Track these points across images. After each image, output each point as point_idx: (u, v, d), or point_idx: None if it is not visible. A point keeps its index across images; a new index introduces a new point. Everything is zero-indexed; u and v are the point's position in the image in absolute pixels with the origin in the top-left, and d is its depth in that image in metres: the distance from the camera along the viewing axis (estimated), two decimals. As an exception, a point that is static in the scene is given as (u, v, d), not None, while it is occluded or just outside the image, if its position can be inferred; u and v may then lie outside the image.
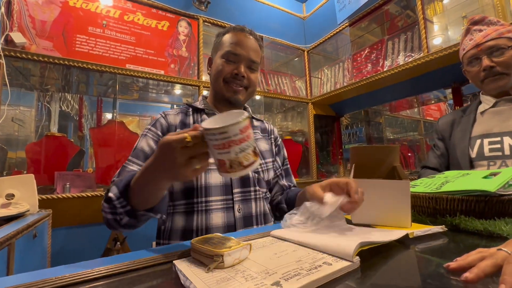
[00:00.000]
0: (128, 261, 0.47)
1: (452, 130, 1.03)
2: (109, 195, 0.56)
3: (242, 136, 0.42)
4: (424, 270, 0.44)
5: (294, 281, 0.34)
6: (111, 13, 1.55)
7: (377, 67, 1.84)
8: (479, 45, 0.92)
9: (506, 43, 0.88)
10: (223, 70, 0.79)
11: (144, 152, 0.73)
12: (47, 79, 1.62)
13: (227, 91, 0.80)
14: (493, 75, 0.90)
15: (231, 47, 0.79)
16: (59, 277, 0.40)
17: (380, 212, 0.62)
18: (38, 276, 0.41)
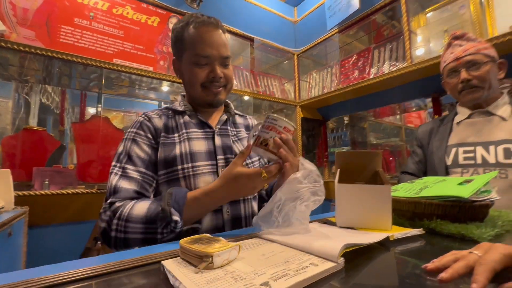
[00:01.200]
0: (114, 261, 0.46)
1: (430, 138, 1.09)
2: (174, 218, 0.58)
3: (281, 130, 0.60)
4: (403, 271, 0.47)
5: (282, 282, 0.35)
6: (99, 5, 1.51)
7: (364, 74, 1.90)
8: (458, 58, 0.98)
9: (482, 59, 0.95)
10: (197, 76, 0.73)
11: (141, 158, 0.70)
12: (26, 69, 1.55)
13: (208, 95, 0.77)
14: (469, 87, 0.96)
15: (199, 50, 0.72)
16: (42, 277, 0.39)
17: (362, 215, 0.65)
18: (21, 277, 0.40)
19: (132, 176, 0.68)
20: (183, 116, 0.80)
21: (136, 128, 0.74)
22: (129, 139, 0.73)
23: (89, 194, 1.39)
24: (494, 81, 0.95)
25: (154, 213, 0.59)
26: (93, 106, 1.95)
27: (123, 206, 0.62)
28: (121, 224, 0.60)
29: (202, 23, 0.74)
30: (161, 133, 0.74)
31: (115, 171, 0.68)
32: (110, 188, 0.66)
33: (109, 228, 0.61)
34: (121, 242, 0.61)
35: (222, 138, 0.79)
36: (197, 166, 0.71)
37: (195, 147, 0.74)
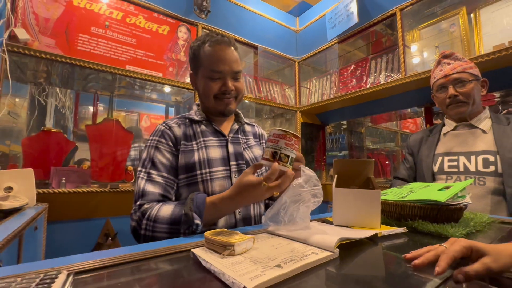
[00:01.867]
0: (150, 249, 0.56)
1: (420, 146, 1.20)
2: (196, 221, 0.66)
3: (271, 138, 0.66)
4: (388, 261, 0.57)
5: (291, 264, 0.45)
6: (114, 14, 1.60)
7: (361, 83, 2.01)
8: (447, 76, 1.08)
9: (467, 77, 1.05)
10: (211, 89, 0.83)
11: (164, 164, 0.79)
12: (41, 72, 1.63)
13: (219, 105, 0.86)
14: (456, 102, 1.07)
15: (213, 66, 0.81)
16: (97, 260, 0.49)
17: (355, 215, 0.75)
18: (80, 259, 0.50)
19: (157, 180, 0.76)
20: (200, 125, 0.88)
21: (158, 136, 0.82)
22: (152, 147, 0.81)
23: (102, 193, 1.48)
24: (477, 97, 1.06)
25: (178, 216, 0.67)
26: (102, 108, 2.04)
27: (151, 208, 0.71)
28: (150, 224, 0.69)
29: (216, 42, 0.83)
30: (181, 141, 0.83)
31: (141, 176, 0.77)
32: (138, 191, 0.74)
33: (139, 227, 0.70)
34: (149, 239, 0.70)
35: (235, 145, 0.88)
36: (213, 172, 0.80)
37: (211, 154, 0.83)
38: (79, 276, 0.45)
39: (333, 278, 0.47)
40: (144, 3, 1.70)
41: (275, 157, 0.65)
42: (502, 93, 1.59)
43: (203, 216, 0.68)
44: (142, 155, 0.82)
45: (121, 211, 1.57)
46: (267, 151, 0.66)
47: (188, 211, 0.67)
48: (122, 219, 1.59)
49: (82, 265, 0.47)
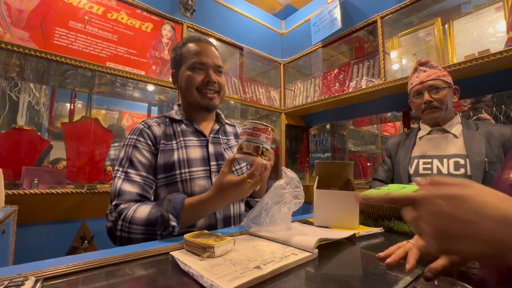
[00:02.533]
0: (128, 252, 0.54)
1: (397, 149, 1.25)
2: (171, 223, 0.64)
3: (251, 132, 0.64)
4: (365, 261, 0.59)
5: (270, 265, 0.46)
6: (94, 9, 1.54)
7: (344, 87, 2.06)
8: (422, 82, 1.14)
9: (441, 84, 1.11)
10: (194, 80, 0.83)
11: (142, 163, 0.77)
12: (13, 66, 1.54)
13: (203, 99, 0.86)
14: (430, 108, 1.13)
15: (196, 58, 0.84)
16: (70, 264, 0.47)
17: (335, 216, 0.77)
18: (53, 264, 0.47)
19: (135, 179, 0.74)
20: (180, 124, 0.87)
21: (136, 135, 0.81)
22: (130, 145, 0.79)
23: (78, 194, 1.42)
24: (450, 104, 1.13)
25: (154, 217, 0.66)
26: (80, 105, 1.96)
27: (127, 209, 0.68)
28: (125, 225, 0.67)
29: (199, 40, 0.88)
30: (161, 140, 0.82)
31: (118, 175, 0.75)
32: (114, 191, 0.72)
33: (115, 228, 0.68)
34: (125, 241, 0.68)
35: (215, 146, 0.88)
36: (193, 172, 0.80)
37: (191, 154, 0.82)
38: (49, 282, 0.43)
39: (311, 278, 0.48)
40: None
41: (258, 151, 0.64)
42: (472, 100, 1.69)
43: (180, 217, 0.67)
44: (120, 154, 0.79)
45: (99, 213, 1.51)
46: (249, 145, 0.63)
47: (164, 212, 0.65)
48: (100, 221, 1.53)
49: (52, 271, 0.45)
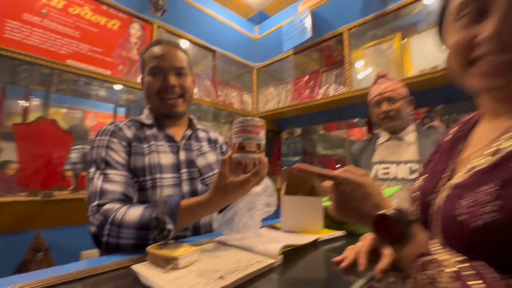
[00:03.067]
0: (84, 268, 0.51)
1: (360, 155, 1.33)
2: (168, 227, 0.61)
3: (252, 130, 0.61)
4: (327, 264, 0.62)
5: (234, 275, 0.46)
6: (53, 2, 1.43)
7: (313, 93, 2.14)
8: (381, 94, 1.23)
9: (397, 96, 1.21)
10: (152, 85, 0.81)
11: (120, 163, 0.73)
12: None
13: (164, 107, 0.83)
14: (388, 117, 1.22)
15: (153, 62, 0.81)
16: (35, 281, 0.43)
17: (301, 221, 0.80)
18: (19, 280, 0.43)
19: (116, 179, 0.70)
20: (151, 128, 0.84)
21: (109, 136, 0.76)
22: (102, 147, 0.74)
23: (32, 203, 1.30)
24: (405, 114, 1.23)
25: (148, 220, 0.61)
26: (38, 102, 1.80)
27: (114, 211, 0.63)
28: (114, 229, 0.61)
29: (159, 43, 0.84)
30: (132, 142, 0.78)
31: (96, 177, 0.69)
32: (95, 191, 0.67)
33: (101, 233, 0.63)
34: (113, 247, 0.62)
35: (186, 152, 0.85)
36: (164, 178, 0.77)
37: (162, 159, 0.79)
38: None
39: (275, 284, 0.49)
40: (91, -6, 1.56)
41: (260, 148, 0.62)
42: (426, 110, 1.86)
43: (176, 220, 0.63)
44: (92, 156, 0.74)
45: (56, 221, 1.39)
46: (250, 143, 0.61)
47: (160, 214, 0.61)
48: (57, 230, 1.41)
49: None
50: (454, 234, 0.35)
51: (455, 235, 0.35)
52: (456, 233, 0.35)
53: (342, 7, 1.91)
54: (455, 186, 0.39)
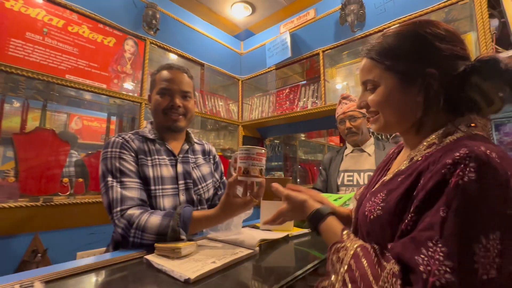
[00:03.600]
0: (107, 259, 0.68)
1: (330, 164, 1.56)
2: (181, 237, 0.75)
3: (256, 157, 0.73)
4: (296, 254, 0.82)
5: (223, 260, 0.65)
6: (54, 22, 1.54)
7: (293, 106, 2.37)
8: (345, 113, 1.46)
9: (358, 114, 1.44)
10: (160, 104, 0.94)
11: (133, 172, 0.86)
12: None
13: (167, 121, 0.95)
14: (351, 133, 1.45)
15: (164, 84, 0.94)
16: (67, 269, 0.59)
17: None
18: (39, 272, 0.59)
19: (132, 186, 0.83)
20: (154, 143, 0.96)
21: (119, 148, 0.87)
22: (115, 158, 0.85)
23: (32, 207, 1.41)
24: (365, 129, 1.47)
25: (165, 228, 0.75)
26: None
27: (137, 217, 0.77)
28: (138, 233, 0.76)
29: (171, 67, 0.98)
30: (139, 154, 0.90)
31: (114, 185, 0.81)
32: (115, 198, 0.79)
33: (127, 235, 0.77)
34: (137, 245, 0.77)
35: (184, 165, 0.98)
36: (164, 189, 0.91)
37: (163, 172, 0.92)
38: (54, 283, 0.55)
39: (251, 268, 0.68)
40: (89, 14, 1.68)
41: (262, 173, 0.75)
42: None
43: (188, 231, 0.77)
44: (106, 167, 0.84)
45: (53, 224, 1.50)
46: (255, 168, 0.72)
47: (176, 226, 0.75)
48: (55, 233, 1.52)
49: (62, 273, 0.57)
50: (361, 224, 0.55)
51: (362, 224, 0.55)
52: (362, 223, 0.55)
53: (317, 32, 2.15)
54: (371, 193, 0.58)
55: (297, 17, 2.32)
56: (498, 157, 0.38)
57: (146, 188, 0.88)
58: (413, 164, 0.50)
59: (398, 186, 0.49)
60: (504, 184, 0.36)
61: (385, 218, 0.48)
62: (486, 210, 0.35)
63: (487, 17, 1.39)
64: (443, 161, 0.41)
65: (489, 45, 1.37)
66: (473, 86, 0.47)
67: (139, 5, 1.93)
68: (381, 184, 0.57)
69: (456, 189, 0.37)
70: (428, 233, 0.37)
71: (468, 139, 0.44)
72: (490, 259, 0.33)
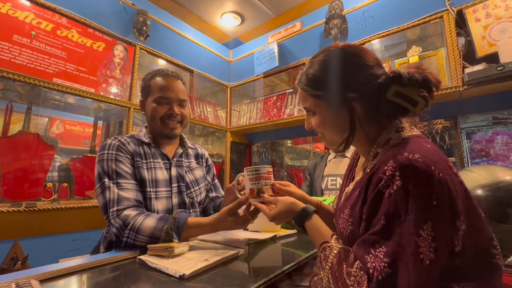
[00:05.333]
0: (99, 259, 0.69)
1: (315, 169, 1.63)
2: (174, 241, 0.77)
3: (267, 176, 0.74)
4: (283, 253, 0.86)
5: (215, 258, 0.69)
6: (42, 25, 1.54)
7: (280, 113, 2.44)
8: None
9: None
10: (158, 112, 0.96)
11: (130, 173, 0.87)
12: None
13: (165, 129, 0.98)
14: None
15: (162, 92, 0.95)
16: (65, 268, 0.61)
17: (264, 223, 1.04)
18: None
19: (128, 187, 0.84)
20: (149, 147, 0.98)
21: (115, 150, 0.88)
22: (112, 160, 0.86)
23: (14, 213, 1.37)
24: (348, 137, 1.55)
25: (159, 232, 0.77)
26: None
27: (132, 219, 0.79)
28: (132, 234, 0.78)
29: (166, 75, 1.00)
30: (135, 157, 0.92)
31: (111, 186, 0.82)
32: (112, 199, 0.81)
33: (121, 235, 0.78)
34: (130, 246, 0.79)
35: (178, 169, 1.01)
36: (158, 191, 0.93)
37: (158, 175, 0.94)
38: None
39: (241, 266, 0.72)
40: (78, 18, 1.68)
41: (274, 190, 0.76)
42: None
43: (181, 235, 0.79)
44: (102, 169, 0.85)
45: (35, 231, 1.46)
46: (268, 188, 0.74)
47: (169, 230, 0.77)
48: (36, 240, 1.48)
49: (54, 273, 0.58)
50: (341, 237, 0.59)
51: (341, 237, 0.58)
52: (341, 237, 0.58)
53: (303, 43, 2.26)
54: (339, 208, 0.62)
55: (284, 29, 2.43)
56: (421, 156, 0.45)
57: (142, 190, 0.90)
58: (365, 175, 0.55)
59: (356, 200, 0.55)
60: (428, 179, 0.42)
61: (357, 232, 0.53)
62: (415, 208, 0.42)
63: (455, 36, 1.54)
64: (377, 175, 0.48)
65: (457, 60, 1.51)
66: (396, 93, 0.55)
67: (130, 12, 1.95)
68: (344, 198, 0.63)
69: (389, 198, 0.44)
70: (374, 237, 0.45)
71: (397, 147, 0.51)
72: (427, 247, 0.40)
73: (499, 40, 1.41)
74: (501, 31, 1.42)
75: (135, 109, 1.91)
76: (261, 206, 0.74)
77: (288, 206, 0.70)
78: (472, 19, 1.50)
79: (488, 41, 1.44)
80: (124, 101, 1.87)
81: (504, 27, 1.41)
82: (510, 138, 1.69)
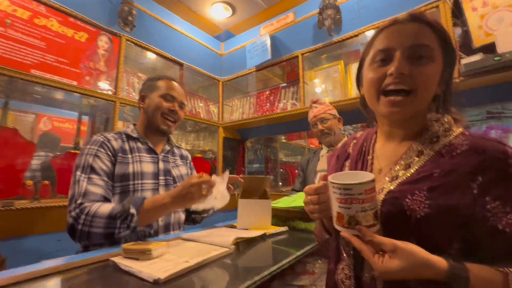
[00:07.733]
0: (70, 262, 0.63)
1: (307, 165, 1.58)
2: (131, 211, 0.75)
3: (366, 197, 0.44)
4: (273, 252, 0.81)
5: (196, 259, 0.63)
6: (18, 13, 1.44)
7: (273, 107, 2.38)
8: (315, 116, 1.50)
9: (328, 116, 1.49)
10: (162, 106, 1.04)
11: (104, 170, 0.87)
12: None
13: (163, 124, 1.04)
14: (323, 134, 1.49)
15: (169, 91, 1.06)
16: (26, 273, 0.54)
17: (253, 219, 0.99)
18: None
19: (98, 183, 0.84)
20: (136, 142, 1.02)
21: (97, 146, 0.91)
22: (91, 155, 0.88)
23: (-11, 212, 1.29)
24: (337, 130, 1.50)
25: (116, 210, 0.76)
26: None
27: (90, 207, 0.77)
28: (88, 219, 0.75)
29: (173, 80, 1.12)
30: (118, 153, 0.93)
31: (82, 179, 0.83)
32: (79, 191, 0.80)
33: (76, 222, 0.76)
34: (85, 235, 0.76)
35: (165, 163, 1.05)
36: (144, 183, 0.94)
37: (144, 168, 0.96)
38: None
39: (227, 266, 0.66)
40: (58, 6, 1.58)
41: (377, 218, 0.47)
42: (364, 125, 2.21)
43: (139, 209, 0.78)
44: (80, 162, 0.87)
45: (14, 231, 1.39)
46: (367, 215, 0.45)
47: (126, 203, 0.77)
48: (15, 241, 1.40)
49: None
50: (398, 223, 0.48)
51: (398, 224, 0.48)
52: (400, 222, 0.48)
53: (296, 35, 2.19)
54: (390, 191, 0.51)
55: (277, 20, 2.35)
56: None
57: (123, 184, 0.90)
58: (438, 158, 0.50)
59: (442, 182, 0.48)
60: None
61: (437, 216, 0.46)
62: None
63: (451, 26, 1.49)
64: (485, 157, 0.46)
65: (453, 51, 1.47)
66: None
67: (115, 1, 1.86)
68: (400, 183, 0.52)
69: None
70: None
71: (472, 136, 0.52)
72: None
73: (496, 30, 1.37)
74: (498, 20, 1.37)
75: (121, 103, 1.83)
76: (365, 249, 0.45)
77: (414, 262, 0.41)
78: (469, 8, 1.45)
79: (485, 30, 1.40)
80: (110, 95, 1.79)
81: (501, 16, 1.37)
82: (504, 132, 1.66)
